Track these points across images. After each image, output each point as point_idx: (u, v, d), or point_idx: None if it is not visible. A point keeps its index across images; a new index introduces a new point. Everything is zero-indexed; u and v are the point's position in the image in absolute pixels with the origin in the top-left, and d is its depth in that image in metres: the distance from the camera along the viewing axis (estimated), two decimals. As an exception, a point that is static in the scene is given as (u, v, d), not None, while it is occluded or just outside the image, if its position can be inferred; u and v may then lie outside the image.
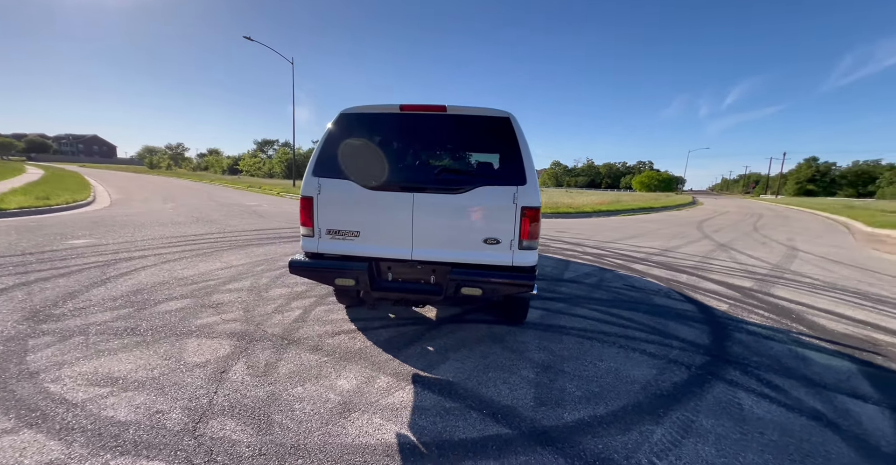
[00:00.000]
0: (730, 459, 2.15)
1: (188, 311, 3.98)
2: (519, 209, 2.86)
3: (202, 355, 3.09)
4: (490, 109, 3.01)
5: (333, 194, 3.09)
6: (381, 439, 2.21)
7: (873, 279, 7.03)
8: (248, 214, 12.45)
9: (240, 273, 5.40)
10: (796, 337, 4.03)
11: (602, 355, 3.34)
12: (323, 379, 2.82)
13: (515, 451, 2.14)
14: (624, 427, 2.37)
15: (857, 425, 2.57)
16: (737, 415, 2.57)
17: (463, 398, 2.64)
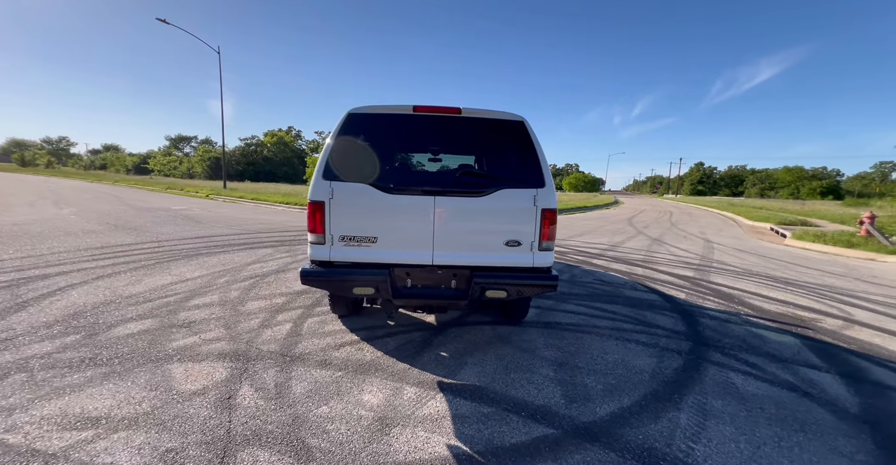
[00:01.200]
0: (749, 435, 2.39)
1: (156, 333, 3.51)
2: (539, 211, 2.92)
3: (195, 382, 2.76)
4: (504, 112, 3.04)
5: (348, 199, 2.92)
6: (434, 452, 2.14)
7: (773, 264, 8.24)
8: (180, 220, 11.25)
9: (201, 287, 4.87)
10: (746, 319, 4.58)
11: (605, 348, 3.53)
12: (345, 395, 2.66)
13: (568, 450, 2.19)
14: (653, 416, 2.53)
15: (823, 392, 2.99)
16: (736, 394, 2.86)
17: (496, 402, 2.64)
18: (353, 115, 3.05)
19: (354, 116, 3.05)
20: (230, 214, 13.74)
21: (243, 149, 75.70)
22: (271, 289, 4.86)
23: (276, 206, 17.88)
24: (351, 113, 3.06)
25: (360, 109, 3.08)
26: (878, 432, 2.52)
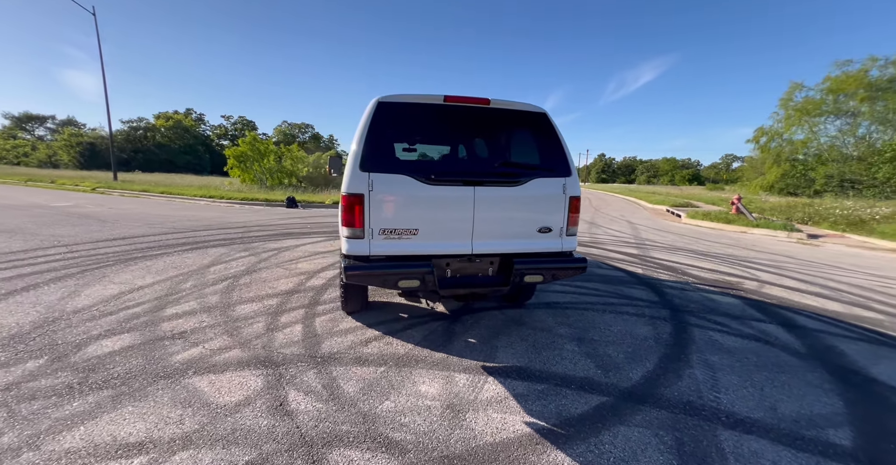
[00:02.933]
0: (751, 381, 2.89)
1: (145, 349, 3.11)
2: (567, 199, 3.13)
3: (232, 394, 2.54)
4: (527, 103, 3.17)
5: (388, 191, 2.83)
6: (517, 430, 2.27)
7: (686, 239, 9.67)
8: (75, 219, 9.60)
9: (166, 294, 4.34)
10: (695, 286, 5.36)
11: (607, 322, 3.92)
12: (402, 389, 2.65)
13: (627, 413, 2.46)
14: (675, 375, 2.93)
15: (777, 340, 3.68)
16: (723, 349, 3.41)
17: (544, 379, 2.84)
18: (383, 103, 2.95)
19: (385, 104, 2.95)
20: (141, 210, 12.08)
21: (128, 133, 64.86)
22: (254, 291, 4.50)
23: (198, 200, 16.06)
24: (381, 102, 2.96)
25: (389, 97, 2.98)
26: (826, 364, 3.21)
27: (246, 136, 22.81)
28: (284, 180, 21.74)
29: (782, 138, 32.16)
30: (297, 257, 6.19)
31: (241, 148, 21.74)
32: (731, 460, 2.07)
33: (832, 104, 28.91)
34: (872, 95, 26.41)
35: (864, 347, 3.63)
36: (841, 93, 27.84)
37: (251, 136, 22.60)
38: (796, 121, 30.75)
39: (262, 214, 12.36)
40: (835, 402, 2.69)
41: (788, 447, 2.20)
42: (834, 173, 27.19)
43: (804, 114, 30.10)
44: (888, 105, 25.95)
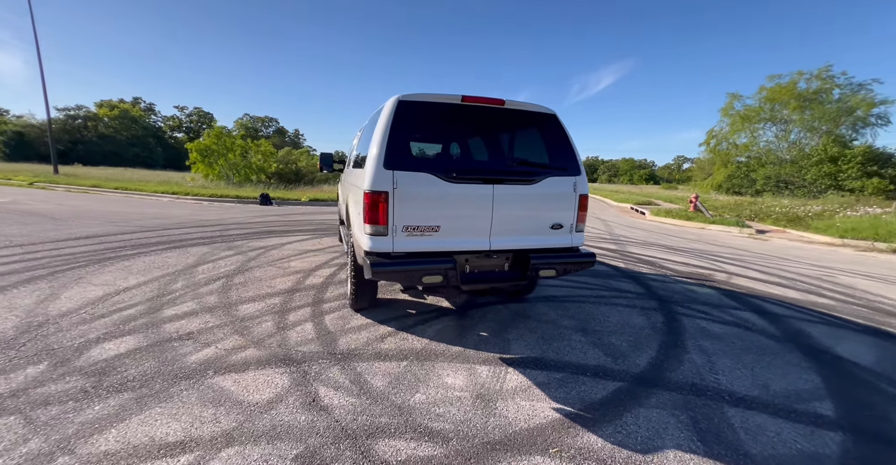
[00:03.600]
0: (741, 363, 3.18)
1: (154, 350, 3.01)
2: (577, 197, 3.31)
3: (260, 392, 2.53)
4: (538, 105, 3.31)
5: (412, 188, 2.88)
6: (548, 416, 2.40)
7: (655, 236, 10.28)
8: (21, 217, 8.84)
9: (158, 295, 4.17)
10: (674, 278, 5.75)
11: (604, 313, 4.15)
12: (428, 382, 2.73)
13: (643, 396, 2.66)
14: (676, 360, 3.18)
15: (754, 325, 4.05)
16: (711, 335, 3.72)
17: (560, 368, 3.00)
18: (403, 102, 2.99)
19: (405, 103, 3.00)
20: (97, 208, 11.31)
21: (64, 122, 59.13)
22: (253, 290, 4.41)
23: (160, 197, 15.19)
24: (401, 100, 3.00)
25: (409, 96, 3.03)
26: (799, 346, 3.58)
27: (205, 128, 21.78)
28: (252, 177, 20.95)
29: (729, 141, 34.77)
30: (287, 255, 6.07)
31: (205, 141, 20.70)
32: (741, 434, 2.30)
33: (769, 112, 31.74)
34: (802, 105, 29.30)
35: (825, 329, 4.07)
36: (776, 102, 30.62)
37: (217, 129, 21.59)
38: (740, 126, 33.46)
39: (236, 211, 11.91)
40: (813, 378, 3.02)
41: (786, 419, 2.47)
42: (771, 175, 29.74)
43: (746, 120, 32.86)
44: (814, 114, 29.00)
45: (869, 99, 27.24)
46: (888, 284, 6.18)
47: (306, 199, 15.32)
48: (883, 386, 2.97)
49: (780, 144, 32.48)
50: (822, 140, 28.41)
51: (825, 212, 15.60)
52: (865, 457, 2.16)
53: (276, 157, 23.15)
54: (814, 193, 25.92)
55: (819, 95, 29.03)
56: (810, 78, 29.38)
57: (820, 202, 19.19)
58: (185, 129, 77.58)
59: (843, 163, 25.71)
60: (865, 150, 25.45)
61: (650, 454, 2.09)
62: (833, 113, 28.34)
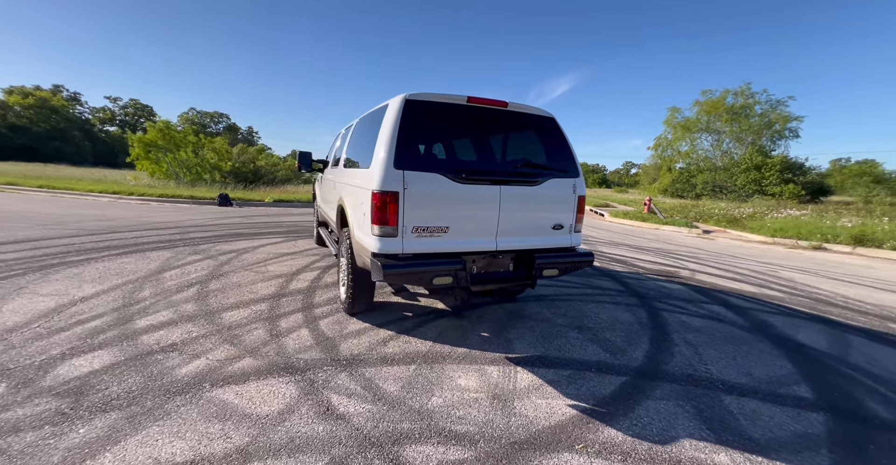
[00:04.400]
0: (724, 352, 3.40)
1: (136, 364, 2.76)
2: (577, 198, 3.40)
3: (269, 403, 2.39)
4: (538, 108, 3.37)
5: (422, 189, 2.83)
6: (566, 413, 2.44)
7: (620, 236, 10.84)
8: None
9: (123, 305, 3.82)
10: (647, 276, 6.07)
11: (594, 310, 4.30)
12: (442, 384, 2.70)
13: (647, 388, 2.77)
14: (668, 353, 3.35)
15: (725, 317, 4.35)
16: (692, 328, 3.95)
17: (565, 365, 3.07)
18: (412, 102, 2.94)
19: (413, 102, 2.94)
20: (21, 208, 10.17)
21: None
22: (233, 297, 4.14)
23: (97, 196, 13.89)
24: (408, 100, 2.94)
25: (416, 95, 2.98)
26: (767, 335, 3.89)
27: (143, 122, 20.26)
28: (205, 175, 19.67)
29: (672, 149, 37.70)
30: (261, 259, 5.77)
31: (149, 136, 19.15)
32: (741, 420, 2.47)
33: (705, 124, 34.91)
34: (731, 118, 32.65)
35: (783, 319, 4.45)
36: (711, 115, 33.86)
37: (163, 123, 20.08)
38: (681, 136, 36.47)
39: (192, 213, 11.14)
40: (785, 364, 3.30)
41: (774, 403, 2.67)
42: (708, 180, 32.57)
43: (686, 130, 35.91)
44: (741, 126, 32.41)
45: (785, 115, 30.94)
46: (818, 277, 6.87)
47: (270, 199, 14.65)
48: (841, 368, 3.30)
49: (714, 153, 35.62)
50: (749, 150, 31.64)
51: (756, 214, 17.12)
52: (847, 434, 2.39)
53: (232, 155, 21.92)
54: (743, 197, 28.64)
55: (745, 110, 32.35)
56: (737, 94, 32.69)
57: (750, 205, 21.13)
58: (118, 122, 71.41)
59: (765, 171, 28.72)
60: (782, 159, 28.76)
61: (668, 445, 2.19)
62: (756, 126, 31.93)
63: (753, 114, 32.39)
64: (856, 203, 24.99)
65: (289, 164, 26.03)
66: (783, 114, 31.32)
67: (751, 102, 32.39)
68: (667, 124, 37.41)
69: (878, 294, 5.80)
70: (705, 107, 34.03)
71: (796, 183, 27.84)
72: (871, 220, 12.53)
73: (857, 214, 14.91)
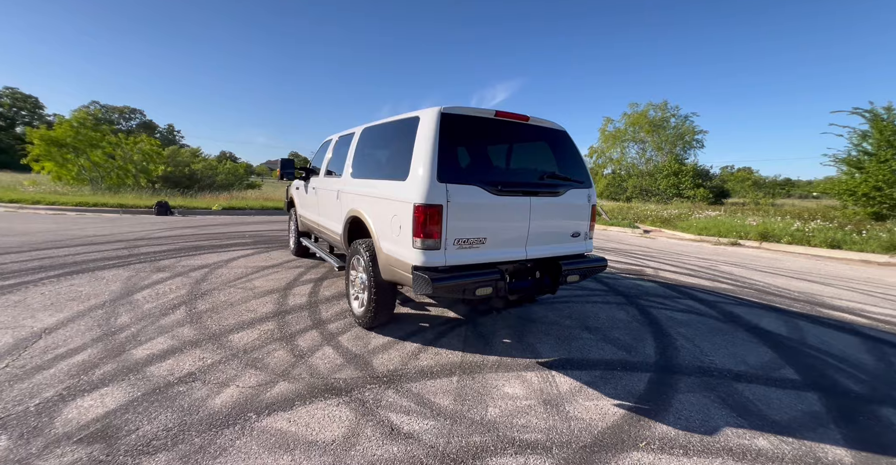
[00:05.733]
0: (716, 343, 3.77)
1: (158, 398, 2.50)
2: (591, 207, 3.61)
3: (329, 428, 2.28)
4: (551, 121, 3.54)
5: (463, 201, 2.85)
6: (618, 412, 2.57)
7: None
8: None
9: (104, 335, 3.42)
10: (620, 275, 6.53)
11: (591, 310, 4.56)
12: (491, 394, 2.74)
13: (673, 382, 3.01)
14: (673, 349, 3.64)
15: (701, 310, 4.82)
16: (681, 322, 4.34)
17: (592, 366, 3.23)
18: (447, 115, 2.96)
19: (449, 116, 2.96)
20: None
21: None
22: (232, 317, 3.85)
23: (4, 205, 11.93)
24: (444, 113, 2.96)
25: (450, 109, 3.00)
26: (740, 324, 4.38)
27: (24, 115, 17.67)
28: (129, 180, 17.65)
29: (605, 155, 40.95)
30: (241, 274, 5.37)
31: (57, 132, 16.63)
32: (759, 404, 2.78)
33: (632, 134, 38.53)
34: (653, 129, 36.56)
35: (744, 309, 5.03)
36: (636, 125, 37.55)
37: (76, 117, 17.63)
38: (612, 144, 39.85)
39: (129, 224, 10.02)
40: (766, 351, 3.75)
41: (775, 387, 3.05)
42: (637, 184, 35.81)
43: (616, 139, 39.35)
44: (661, 137, 36.36)
45: (692, 128, 35.36)
46: (748, 269, 7.82)
47: (219, 207, 13.56)
48: (806, 350, 3.81)
49: (640, 160, 39.28)
50: (668, 158, 35.41)
51: (682, 215, 19.05)
52: (839, 409, 2.78)
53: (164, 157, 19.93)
54: (665, 200, 31.82)
55: (664, 122, 36.34)
56: (657, 108, 36.68)
57: (674, 207, 23.48)
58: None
59: (681, 176, 32.35)
60: (693, 167, 32.69)
61: (714, 435, 2.41)
62: (672, 137, 35.99)
63: (669, 126, 36.41)
64: (748, 204, 29.18)
65: (228, 167, 24.24)
66: (691, 127, 35.73)
67: (667, 116, 36.36)
68: (601, 132, 40.64)
69: (797, 283, 6.72)
70: (631, 119, 37.64)
71: (705, 187, 31.61)
72: (769, 219, 14.47)
73: (756, 213, 17.14)
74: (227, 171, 23.47)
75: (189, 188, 18.98)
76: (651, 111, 37.07)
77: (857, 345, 3.99)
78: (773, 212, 17.49)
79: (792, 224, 12.74)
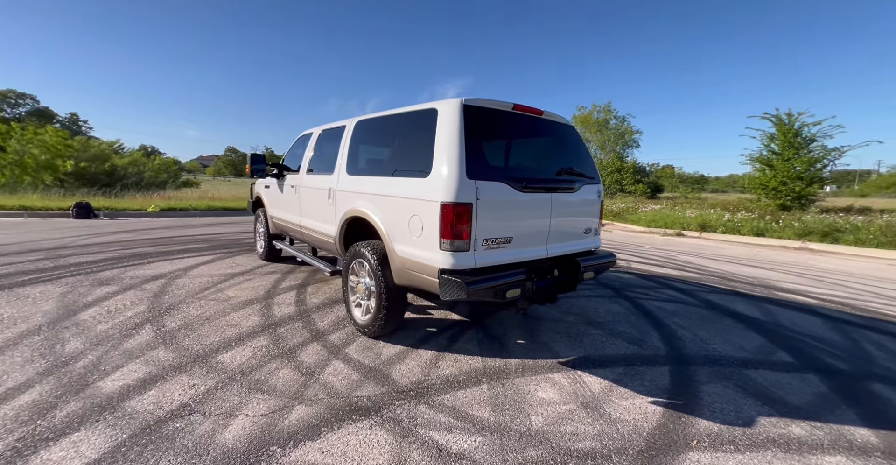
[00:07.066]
0: (710, 331, 3.91)
1: (154, 440, 2.08)
2: (600, 203, 3.55)
3: (371, 457, 2.01)
4: (561, 116, 3.45)
5: (492, 199, 2.65)
6: (654, 410, 2.53)
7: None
8: None
9: (54, 365, 2.85)
10: (594, 271, 6.70)
11: (589, 305, 4.56)
12: (529, 401, 2.59)
13: (691, 373, 3.03)
14: (677, 339, 3.70)
15: (686, 300, 5.02)
16: (673, 313, 4.47)
17: (612, 362, 3.19)
18: (469, 107, 2.73)
19: (470, 108, 2.74)
20: None
21: None
22: (213, 334, 3.37)
23: None
24: (467, 105, 2.73)
25: (472, 100, 2.78)
26: (721, 311, 4.60)
27: None
28: (26, 178, 15.31)
29: None
30: (207, 283, 4.78)
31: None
32: (775, 390, 2.87)
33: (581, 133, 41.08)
34: (598, 129, 39.04)
35: (718, 296, 5.31)
36: (583, 126, 39.81)
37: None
38: None
39: (42, 229, 8.66)
40: (755, 336, 3.95)
41: (781, 371, 3.19)
42: (583, 180, 38.25)
43: None
44: (604, 136, 38.92)
45: (629, 128, 38.19)
46: (701, 257, 8.37)
47: (155, 209, 12.15)
48: (785, 332, 4.06)
49: (588, 158, 41.98)
50: (611, 156, 37.75)
51: (629, 208, 20.26)
52: (840, 389, 2.94)
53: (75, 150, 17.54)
54: (609, 194, 33.86)
55: (607, 122, 38.74)
56: (601, 110, 39.02)
57: (619, 201, 24.94)
58: None
59: (623, 173, 34.61)
60: (633, 164, 35.21)
61: (753, 426, 2.43)
62: (615, 136, 38.49)
63: (611, 127, 38.90)
64: (679, 198, 31.92)
65: (158, 163, 21.93)
66: (629, 127, 38.47)
67: (609, 117, 38.70)
68: (551, 134, 42.84)
69: (746, 269, 7.28)
70: (579, 119, 39.74)
71: (644, 183, 34.09)
72: (704, 211, 15.76)
73: (690, 206, 18.64)
74: (157, 167, 21.19)
75: (110, 187, 16.86)
76: (596, 113, 39.37)
77: (820, 325, 4.32)
78: (703, 205, 19.09)
79: (723, 216, 13.94)
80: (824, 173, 17.13)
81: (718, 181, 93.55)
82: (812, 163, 16.35)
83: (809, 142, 16.69)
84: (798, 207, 16.45)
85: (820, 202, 17.87)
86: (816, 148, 16.57)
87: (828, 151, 16.38)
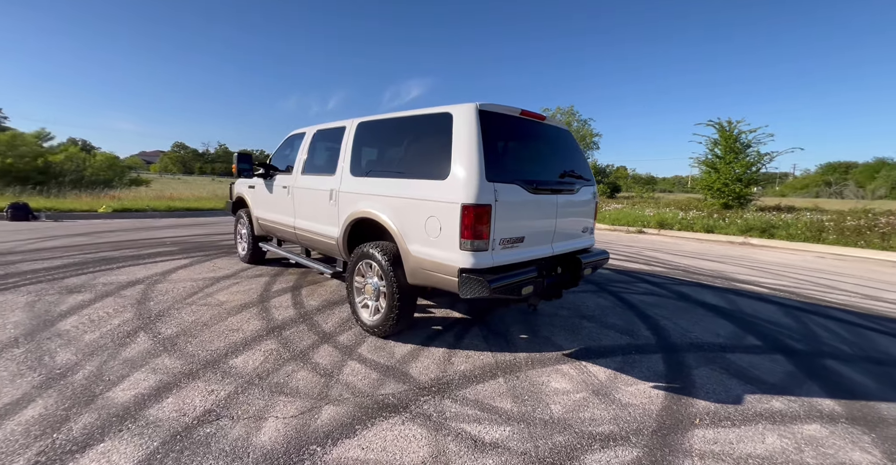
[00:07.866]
0: (688, 319, 4.27)
1: (189, 446, 2.04)
2: (595, 203, 3.78)
3: (408, 451, 2.08)
4: (558, 120, 3.65)
5: (508, 201, 2.77)
6: (658, 394, 2.75)
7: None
8: None
9: (49, 378, 2.69)
10: (571, 268, 7.04)
11: (577, 300, 4.81)
12: (545, 391, 2.75)
13: (682, 359, 3.31)
14: (662, 328, 4.03)
15: (660, 292, 5.43)
16: (652, 304, 4.82)
17: (610, 352, 3.41)
18: (484, 112, 2.84)
19: (486, 113, 2.85)
20: None
21: None
22: (215, 339, 3.28)
23: None
24: (482, 110, 2.84)
25: (485, 106, 2.89)
26: (692, 302, 5.02)
27: None
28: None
29: None
30: (193, 288, 4.58)
31: None
32: (755, 371, 3.20)
33: None
34: None
35: (688, 288, 5.76)
36: None
37: None
38: None
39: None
40: (726, 323, 4.35)
41: (754, 354, 3.55)
42: (551, 181, 39.82)
43: None
44: None
45: (590, 131, 39.62)
46: (664, 253, 9.01)
47: (108, 209, 11.26)
48: (749, 319, 4.49)
49: (551, 159, 43.50)
50: None
51: (592, 207, 21.22)
52: (804, 368, 3.33)
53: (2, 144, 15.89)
54: (576, 196, 35.56)
55: (570, 125, 40.11)
56: (565, 113, 40.28)
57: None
58: None
59: None
60: (594, 165, 36.80)
61: (742, 403, 2.72)
62: (577, 138, 40.15)
63: (573, 129, 40.29)
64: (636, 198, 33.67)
65: (101, 160, 20.29)
66: (590, 130, 39.90)
67: (572, 120, 39.98)
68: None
69: (705, 263, 7.92)
70: None
71: (604, 183, 35.72)
72: (660, 210, 16.86)
73: (647, 205, 19.83)
74: (99, 164, 19.58)
75: (44, 185, 15.40)
76: (559, 115, 40.47)
77: (775, 311, 4.82)
78: (659, 204, 20.36)
79: (678, 214, 14.98)
80: (758, 176, 18.81)
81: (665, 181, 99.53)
82: (748, 166, 17.90)
83: (746, 147, 18.26)
84: (738, 205, 17.95)
85: (756, 201, 19.57)
86: (752, 153, 18.17)
87: (761, 156, 18.02)
